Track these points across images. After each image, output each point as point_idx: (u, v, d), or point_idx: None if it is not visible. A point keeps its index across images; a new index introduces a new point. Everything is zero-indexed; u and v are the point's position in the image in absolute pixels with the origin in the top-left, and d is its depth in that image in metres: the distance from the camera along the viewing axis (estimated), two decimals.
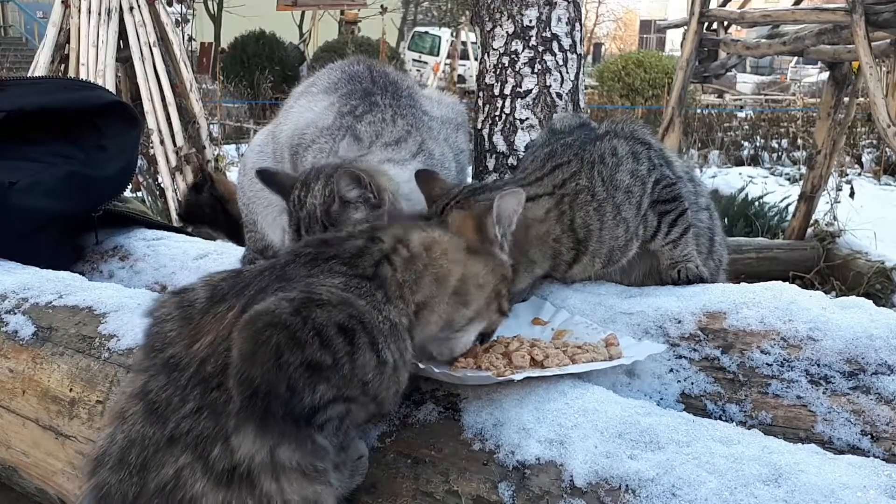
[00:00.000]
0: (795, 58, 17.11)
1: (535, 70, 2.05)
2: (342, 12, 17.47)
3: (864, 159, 8.18)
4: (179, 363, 1.02)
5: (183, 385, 1.00)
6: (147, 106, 4.13)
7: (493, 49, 2.09)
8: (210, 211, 2.68)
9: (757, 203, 5.20)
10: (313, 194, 1.47)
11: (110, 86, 3.97)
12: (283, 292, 1.02)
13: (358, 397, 1.02)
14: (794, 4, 4.31)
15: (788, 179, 7.48)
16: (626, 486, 1.00)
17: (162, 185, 4.23)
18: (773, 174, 7.76)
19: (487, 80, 2.11)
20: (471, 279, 1.17)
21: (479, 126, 2.13)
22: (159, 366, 1.04)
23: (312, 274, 1.07)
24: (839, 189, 5.05)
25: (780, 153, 8.76)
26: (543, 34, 2.06)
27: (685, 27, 4.31)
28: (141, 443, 1.00)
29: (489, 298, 1.20)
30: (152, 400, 1.01)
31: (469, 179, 2.12)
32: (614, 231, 1.54)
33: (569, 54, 2.08)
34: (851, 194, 5.22)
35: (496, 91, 2.09)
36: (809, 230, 4.49)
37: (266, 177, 1.54)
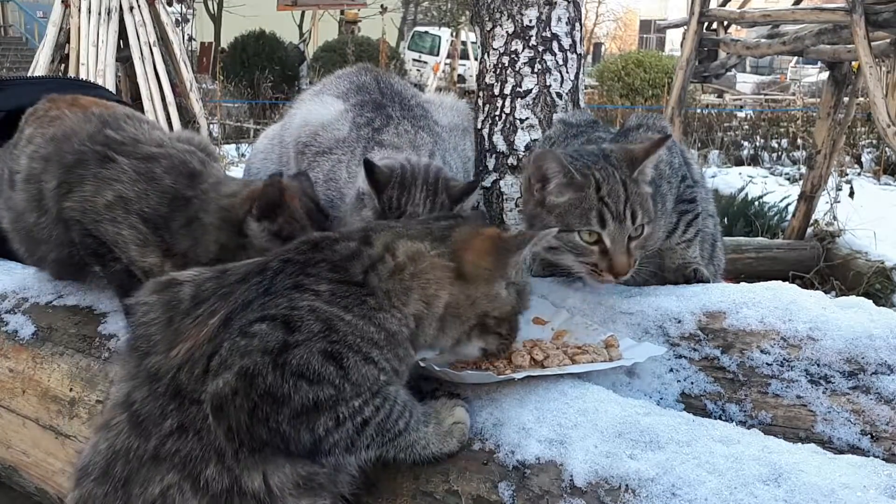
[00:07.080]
0: (795, 58, 17.11)
1: (535, 70, 2.05)
2: (342, 12, 17.47)
3: (863, 159, 8.17)
4: (159, 371, 1.00)
5: (161, 393, 0.98)
6: (147, 105, 4.13)
7: (493, 49, 2.09)
8: None
9: (757, 203, 5.19)
10: (414, 202, 1.47)
11: (110, 85, 3.97)
12: (266, 310, 0.99)
13: (363, 408, 1.01)
14: (794, 4, 4.31)
15: (788, 179, 7.46)
16: (626, 485, 1.00)
17: None
18: (772, 174, 7.74)
19: (487, 80, 2.11)
20: (456, 306, 1.12)
21: (479, 126, 2.13)
22: (143, 374, 1.01)
23: (299, 284, 1.03)
24: (839, 189, 5.05)
25: (779, 153, 8.75)
26: (543, 34, 2.05)
27: (685, 27, 4.31)
28: (125, 455, 0.98)
29: (470, 328, 1.14)
30: (136, 411, 0.99)
31: None
32: (658, 222, 1.52)
33: (569, 54, 2.08)
34: (851, 194, 5.21)
35: (496, 91, 2.09)
36: (809, 230, 4.49)
37: (370, 168, 1.51)
